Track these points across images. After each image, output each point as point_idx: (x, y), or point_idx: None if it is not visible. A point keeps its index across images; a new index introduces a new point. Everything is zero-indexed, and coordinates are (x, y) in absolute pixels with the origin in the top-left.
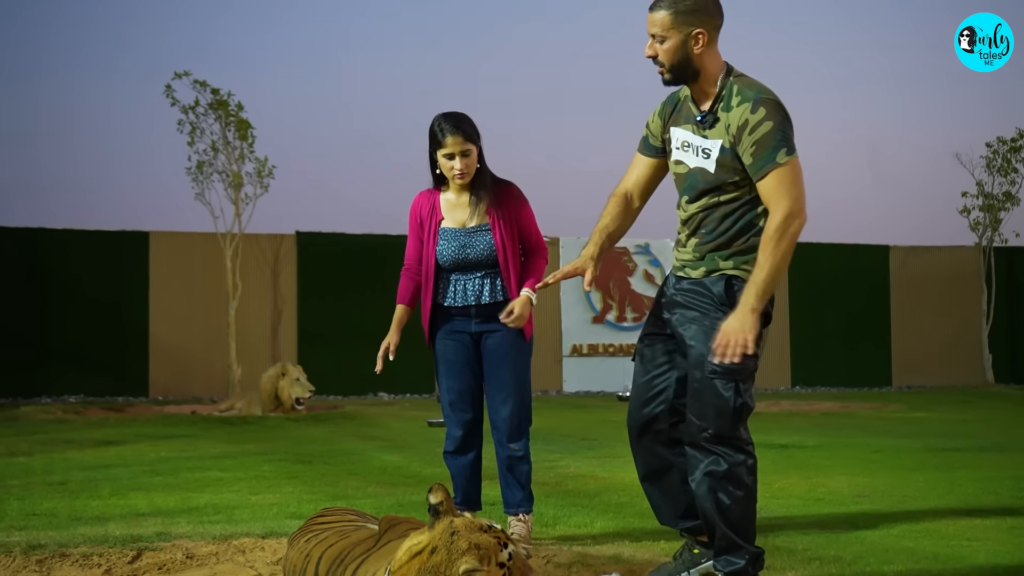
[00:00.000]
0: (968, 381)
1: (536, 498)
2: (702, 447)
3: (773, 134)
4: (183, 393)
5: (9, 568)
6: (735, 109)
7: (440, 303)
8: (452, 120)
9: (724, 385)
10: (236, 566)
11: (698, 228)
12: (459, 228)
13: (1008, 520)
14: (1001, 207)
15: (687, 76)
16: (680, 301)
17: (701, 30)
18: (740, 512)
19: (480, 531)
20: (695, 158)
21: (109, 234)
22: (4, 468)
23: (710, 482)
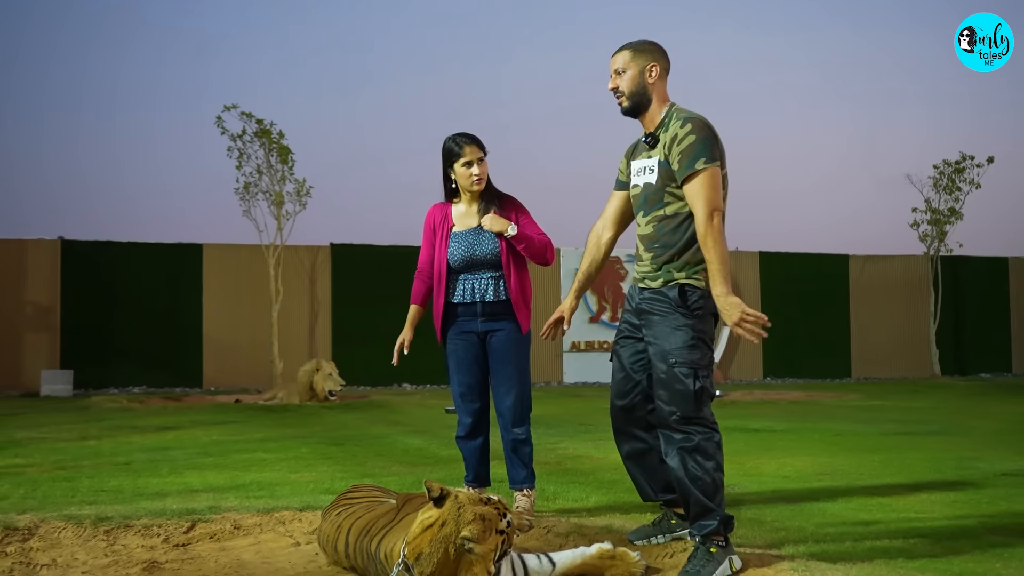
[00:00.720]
0: (918, 373)
1: (538, 476)
2: (673, 427)
3: (695, 146)
4: (232, 384)
5: (81, 537)
6: (671, 128)
7: (450, 301)
8: (466, 135)
9: (685, 373)
10: (277, 535)
11: (652, 243)
12: (468, 230)
13: (951, 494)
14: (947, 221)
15: (641, 104)
16: (645, 308)
17: (655, 64)
18: (710, 481)
19: (482, 503)
20: (644, 176)
21: (167, 246)
22: (76, 451)
23: (682, 457)
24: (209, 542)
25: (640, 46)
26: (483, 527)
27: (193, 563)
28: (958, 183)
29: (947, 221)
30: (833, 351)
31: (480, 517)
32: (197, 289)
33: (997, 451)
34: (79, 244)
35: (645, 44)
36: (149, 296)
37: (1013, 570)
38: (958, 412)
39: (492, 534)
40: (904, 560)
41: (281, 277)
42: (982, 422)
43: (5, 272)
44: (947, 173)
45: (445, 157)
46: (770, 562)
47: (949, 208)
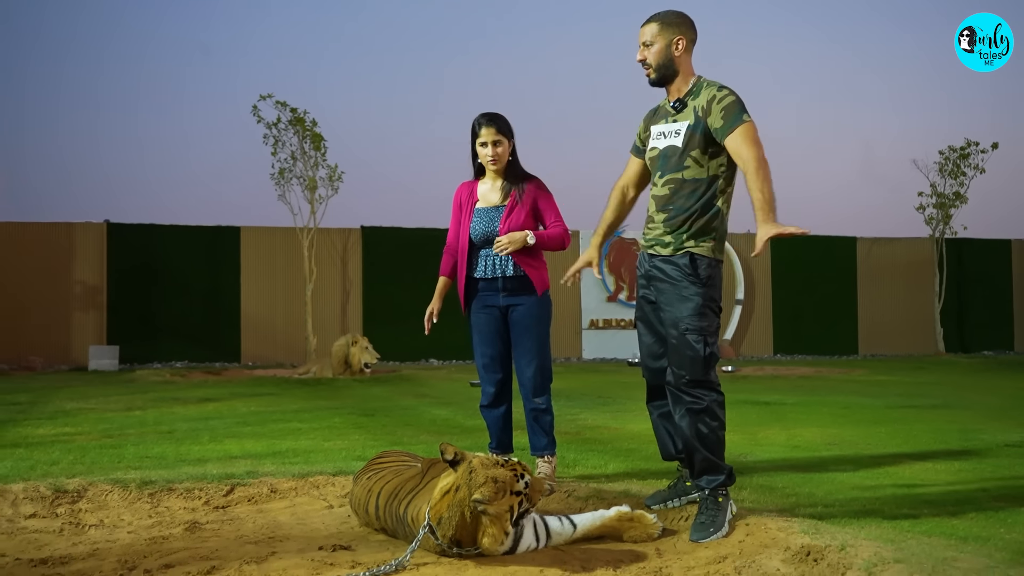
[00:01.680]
0: (923, 350)
1: (559, 444)
2: (682, 390)
3: (736, 103)
4: (269, 359)
5: (126, 499)
6: (703, 94)
7: (473, 276)
8: (488, 116)
9: (696, 339)
10: (311, 498)
11: (667, 204)
12: (490, 207)
13: (955, 463)
14: (951, 205)
15: (668, 76)
16: (656, 275)
17: (681, 37)
18: (716, 438)
19: (496, 466)
20: (666, 140)
21: (207, 229)
22: (122, 420)
23: (691, 417)
24: (247, 504)
25: (668, 18)
26: (495, 489)
27: (232, 524)
28: (963, 168)
29: (952, 205)
30: (841, 329)
31: (492, 479)
32: (235, 269)
33: (999, 423)
34: (124, 227)
35: (673, 16)
36: (190, 276)
37: (1016, 534)
38: (961, 387)
39: (506, 496)
40: (910, 524)
41: (314, 258)
42: (985, 397)
43: (55, 254)
44: (952, 159)
45: (472, 135)
46: (781, 525)
47: (954, 192)
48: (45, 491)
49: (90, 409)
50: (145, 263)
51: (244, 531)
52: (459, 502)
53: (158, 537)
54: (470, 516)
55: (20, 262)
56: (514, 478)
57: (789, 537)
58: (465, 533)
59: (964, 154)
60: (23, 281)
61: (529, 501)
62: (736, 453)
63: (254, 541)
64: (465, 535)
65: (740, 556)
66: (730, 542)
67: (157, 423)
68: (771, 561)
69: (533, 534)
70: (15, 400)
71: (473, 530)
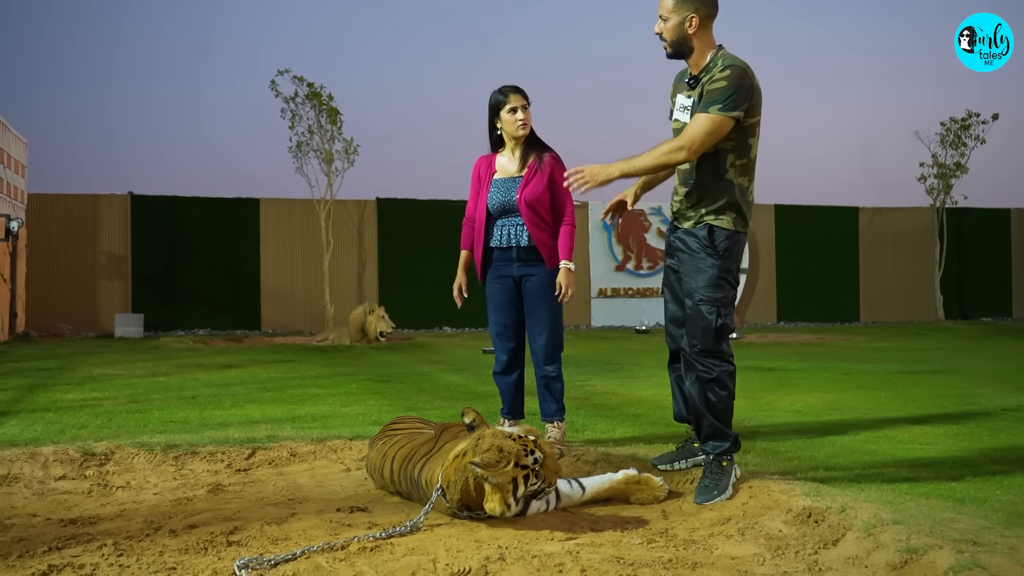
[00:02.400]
0: (923, 318)
1: (568, 410)
2: (695, 358)
3: (721, 91)
4: (288, 327)
5: (152, 462)
6: (713, 71)
7: (489, 245)
8: (510, 85)
9: (708, 310)
10: (329, 462)
11: (686, 179)
12: (507, 178)
13: (953, 427)
14: (952, 175)
15: (684, 51)
16: (678, 246)
17: (694, 14)
18: (723, 407)
19: (507, 438)
20: (684, 114)
21: (228, 200)
22: (148, 386)
23: (700, 384)
24: (268, 467)
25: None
26: (497, 457)
27: (254, 486)
28: (964, 139)
29: (953, 175)
30: (843, 297)
31: (497, 448)
32: (255, 240)
33: (998, 388)
34: (147, 199)
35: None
36: (211, 246)
37: (1012, 496)
38: (961, 353)
39: (509, 466)
40: (909, 486)
41: (331, 229)
42: (984, 362)
43: (81, 225)
44: (953, 130)
45: (492, 108)
46: (783, 488)
47: (955, 163)
48: (74, 454)
49: (116, 375)
50: (168, 234)
51: (265, 493)
52: (464, 467)
53: (182, 499)
54: (473, 482)
55: (48, 233)
56: (522, 452)
57: (791, 499)
58: (471, 498)
59: (965, 125)
60: (51, 251)
61: (538, 478)
62: (740, 418)
63: (274, 503)
64: (471, 500)
65: (743, 518)
66: (734, 504)
67: (181, 389)
68: (773, 522)
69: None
70: (45, 366)
71: (479, 496)
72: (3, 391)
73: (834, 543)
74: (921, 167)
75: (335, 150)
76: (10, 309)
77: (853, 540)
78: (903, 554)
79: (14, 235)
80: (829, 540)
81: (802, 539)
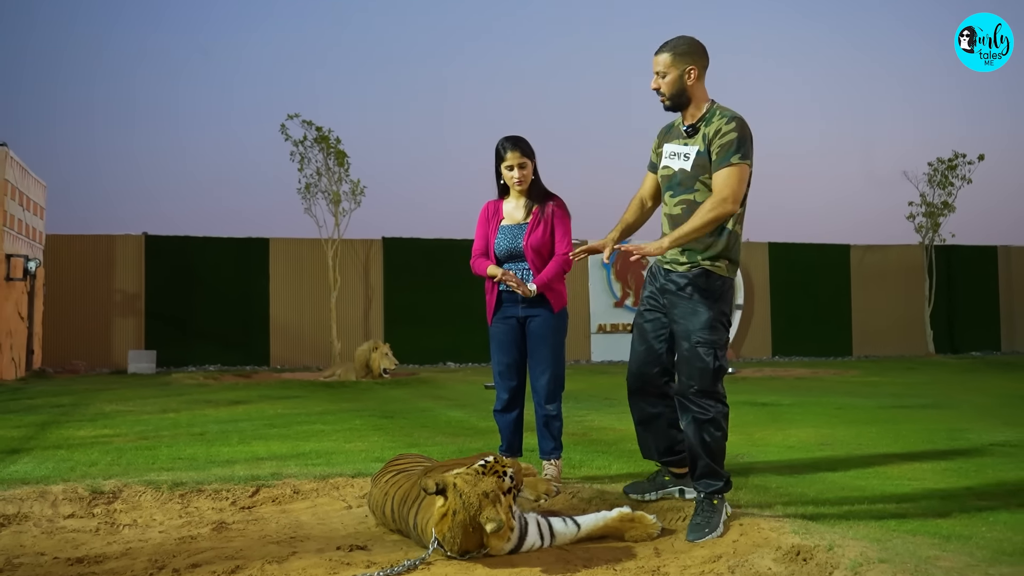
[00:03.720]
0: (913, 352)
1: (565, 446)
2: (691, 399)
3: (735, 142)
4: (296, 362)
5: (159, 500)
6: (714, 123)
7: (498, 289)
8: (512, 139)
9: (706, 352)
10: (331, 499)
11: (679, 224)
12: (513, 225)
13: (942, 463)
14: (940, 214)
15: (682, 103)
16: (670, 289)
17: (693, 67)
18: (718, 448)
19: (479, 476)
20: (678, 162)
21: (238, 240)
22: (158, 422)
23: (696, 425)
24: (271, 505)
25: (680, 48)
26: (491, 501)
27: (257, 524)
28: (951, 179)
29: (940, 213)
30: (835, 332)
31: (484, 495)
32: (264, 278)
33: (986, 423)
34: (161, 239)
35: (684, 46)
36: (222, 284)
37: (997, 532)
38: (950, 387)
39: (502, 501)
40: (896, 523)
41: (339, 267)
42: (972, 396)
43: (96, 264)
44: (940, 170)
45: (496, 157)
46: (773, 525)
47: (943, 201)
48: (83, 492)
49: (128, 411)
50: (181, 272)
51: (268, 531)
52: (460, 523)
53: (187, 537)
54: (472, 531)
55: (65, 272)
56: (499, 480)
57: (780, 537)
58: (469, 544)
59: (952, 165)
60: (68, 290)
61: (518, 489)
62: (734, 453)
63: (276, 541)
64: (471, 544)
65: (734, 555)
66: (724, 542)
67: (190, 425)
68: (763, 560)
69: (538, 533)
70: (59, 403)
71: (478, 537)
72: (18, 428)
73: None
74: (910, 206)
75: (342, 191)
76: (27, 346)
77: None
78: None
79: (32, 274)
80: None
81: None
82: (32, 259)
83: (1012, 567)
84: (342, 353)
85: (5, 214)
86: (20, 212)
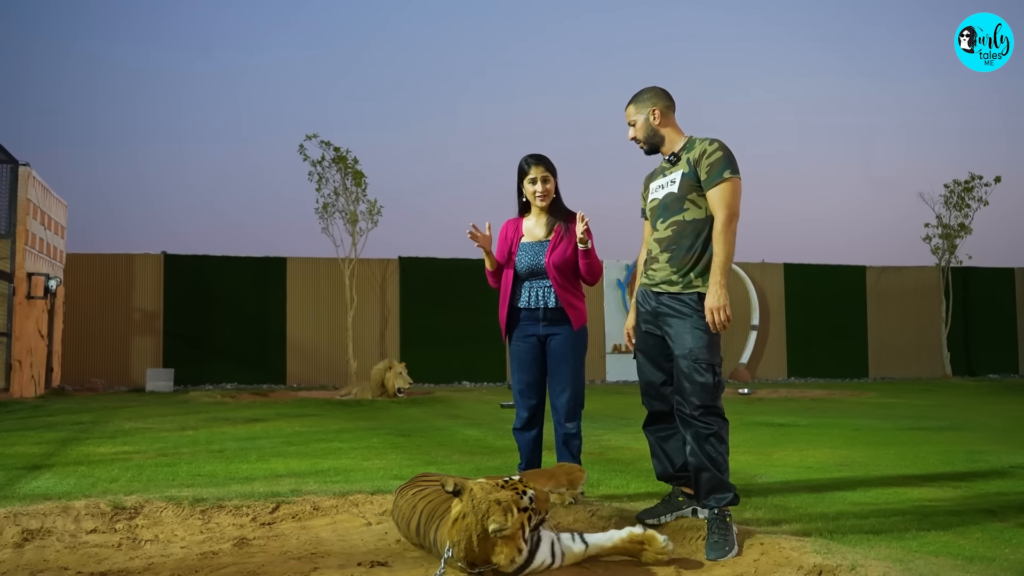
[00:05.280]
0: (930, 374)
1: (584, 465)
2: (694, 416)
3: (722, 160)
4: (312, 381)
5: (180, 515)
6: (696, 148)
7: (516, 306)
8: (536, 156)
9: (705, 369)
10: (351, 516)
11: (670, 245)
12: (534, 242)
13: (962, 485)
14: (956, 235)
15: (656, 143)
16: (664, 311)
17: (654, 108)
18: (723, 461)
19: (498, 488)
20: (664, 189)
21: (256, 259)
22: (177, 439)
23: (700, 440)
24: (291, 521)
25: (639, 97)
26: (502, 510)
27: (277, 540)
28: (967, 200)
29: (957, 235)
30: (852, 353)
31: (496, 502)
32: (282, 297)
33: (1005, 445)
34: (180, 258)
35: (644, 94)
36: (240, 303)
37: (1020, 555)
38: (968, 409)
39: (514, 514)
40: (918, 544)
41: (355, 287)
42: (990, 419)
43: (116, 283)
44: (957, 192)
45: (519, 174)
46: (795, 545)
47: (959, 223)
48: (105, 507)
49: (147, 429)
50: (199, 291)
51: (288, 547)
52: (466, 528)
53: (208, 552)
54: (477, 540)
55: (85, 291)
56: (516, 496)
57: (802, 556)
58: (475, 555)
59: (968, 187)
60: (87, 308)
61: (537, 513)
62: (751, 473)
63: (297, 557)
64: (476, 556)
65: (755, 575)
66: (745, 561)
67: (208, 442)
68: None
69: (549, 551)
70: (78, 420)
71: (483, 551)
72: (39, 444)
73: None
74: (926, 227)
75: (359, 211)
76: (47, 364)
77: None
78: None
79: (52, 293)
80: None
81: None
82: (53, 278)
83: None
84: (358, 372)
85: (27, 233)
86: (41, 231)
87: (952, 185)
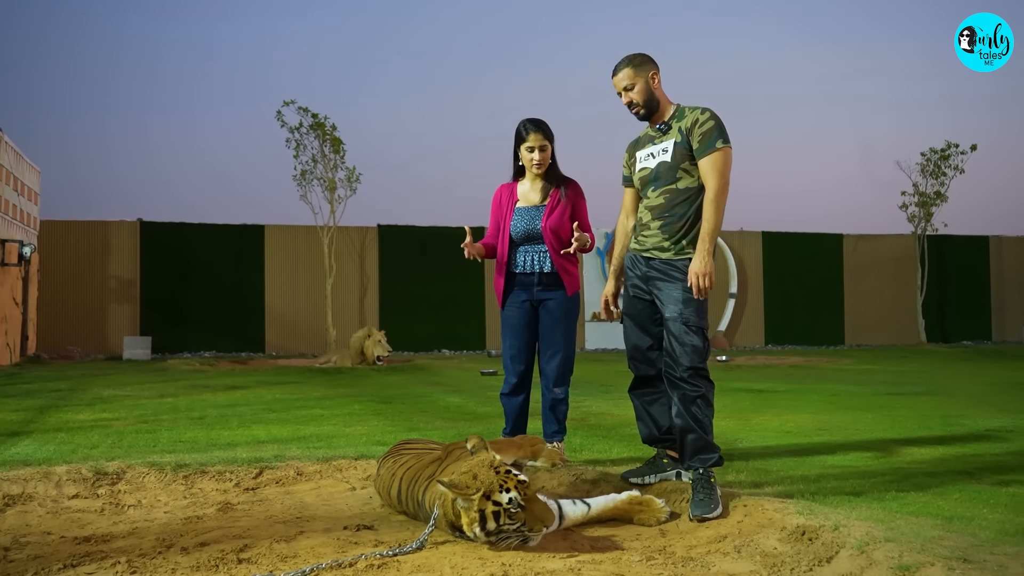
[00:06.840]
0: (906, 341)
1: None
2: (682, 378)
3: (714, 129)
4: (291, 349)
5: (162, 481)
6: (688, 116)
7: (512, 271)
8: (534, 122)
9: (695, 331)
10: (335, 481)
11: (662, 212)
12: (530, 207)
13: (939, 448)
14: (932, 203)
15: (654, 107)
16: (656, 276)
17: (653, 71)
18: (709, 422)
19: (492, 470)
20: (655, 159)
21: (234, 227)
22: (156, 407)
23: (687, 402)
24: (275, 486)
25: (636, 60)
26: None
27: (262, 504)
28: (944, 169)
29: (933, 203)
30: (829, 320)
31: (472, 475)
32: (260, 265)
33: (980, 409)
34: (156, 225)
35: (639, 58)
36: (218, 271)
37: (999, 514)
38: (943, 375)
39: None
40: (897, 504)
41: (334, 254)
42: (965, 384)
43: (91, 250)
44: (933, 160)
45: (516, 139)
46: (777, 506)
47: (935, 191)
48: (87, 473)
49: (126, 396)
50: (176, 259)
51: (273, 511)
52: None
53: (193, 517)
54: (451, 501)
55: (60, 258)
56: (497, 487)
57: (785, 517)
58: (451, 516)
59: (944, 155)
60: (62, 276)
61: (513, 519)
62: (732, 438)
63: (283, 521)
64: (452, 518)
65: (739, 535)
66: (729, 522)
67: (188, 409)
68: (768, 540)
69: None
70: (56, 387)
71: (456, 515)
72: (16, 412)
73: (828, 560)
74: (903, 195)
75: (338, 178)
76: (22, 332)
77: (847, 557)
78: (896, 571)
79: (26, 260)
80: (823, 557)
81: (797, 556)
82: (27, 244)
83: (1016, 547)
84: (337, 340)
85: (0, 199)
86: (14, 197)
87: (928, 153)
